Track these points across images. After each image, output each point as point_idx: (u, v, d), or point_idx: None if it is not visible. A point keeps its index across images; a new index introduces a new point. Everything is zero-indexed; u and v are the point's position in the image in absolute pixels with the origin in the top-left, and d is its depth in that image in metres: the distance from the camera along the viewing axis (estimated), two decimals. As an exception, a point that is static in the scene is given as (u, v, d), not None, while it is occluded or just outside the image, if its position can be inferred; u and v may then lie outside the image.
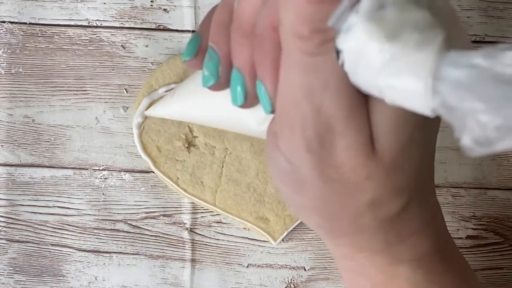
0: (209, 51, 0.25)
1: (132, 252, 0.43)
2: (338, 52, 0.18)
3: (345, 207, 0.24)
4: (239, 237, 0.43)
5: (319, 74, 0.20)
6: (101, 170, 0.42)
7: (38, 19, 0.42)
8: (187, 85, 0.30)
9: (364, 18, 0.17)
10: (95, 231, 0.43)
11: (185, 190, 0.41)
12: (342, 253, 0.27)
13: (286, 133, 0.22)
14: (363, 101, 0.21)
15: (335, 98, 0.20)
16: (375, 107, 0.21)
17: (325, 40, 0.19)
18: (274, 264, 0.43)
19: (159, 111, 0.33)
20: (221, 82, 0.24)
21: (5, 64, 0.42)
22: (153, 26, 0.42)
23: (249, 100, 0.24)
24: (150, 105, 0.40)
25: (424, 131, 0.23)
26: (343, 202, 0.23)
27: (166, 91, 0.40)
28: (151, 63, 0.42)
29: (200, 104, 0.29)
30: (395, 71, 0.16)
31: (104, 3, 0.42)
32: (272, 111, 0.23)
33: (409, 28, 0.16)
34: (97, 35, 0.42)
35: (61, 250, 0.43)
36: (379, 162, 0.22)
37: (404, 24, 0.16)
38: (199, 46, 0.26)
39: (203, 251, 0.43)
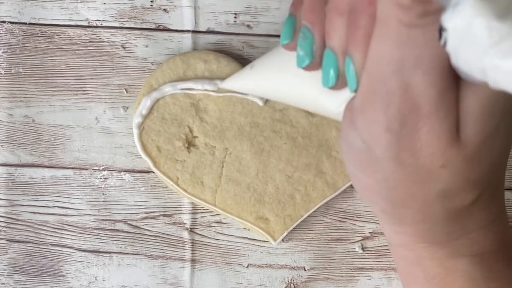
0: (303, 31, 0.24)
1: (132, 252, 0.43)
2: (441, 30, 0.17)
3: (414, 194, 0.23)
4: (239, 237, 0.43)
5: (414, 47, 0.19)
6: (101, 170, 0.43)
7: (38, 19, 0.42)
8: (268, 59, 0.29)
9: None
10: (95, 231, 0.43)
11: (185, 190, 0.41)
12: (400, 242, 0.26)
13: (367, 110, 0.21)
14: (454, 85, 0.20)
15: (426, 76, 0.20)
16: (466, 93, 0.20)
17: (426, 11, 0.18)
18: (274, 264, 0.43)
19: (235, 83, 0.32)
20: (316, 62, 0.24)
21: (5, 64, 0.42)
22: (153, 26, 0.42)
23: (340, 81, 0.23)
24: (150, 106, 0.40)
25: (509, 121, 0.22)
26: (412, 189, 0.23)
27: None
28: (151, 63, 0.42)
29: (280, 80, 0.27)
30: (503, 51, 0.16)
31: (104, 3, 0.42)
32: (356, 90, 0.22)
33: None
34: (97, 35, 0.42)
35: (61, 250, 0.43)
36: (460, 151, 0.21)
37: None
38: (294, 27, 0.25)
39: (203, 251, 0.43)
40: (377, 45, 0.20)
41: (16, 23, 0.42)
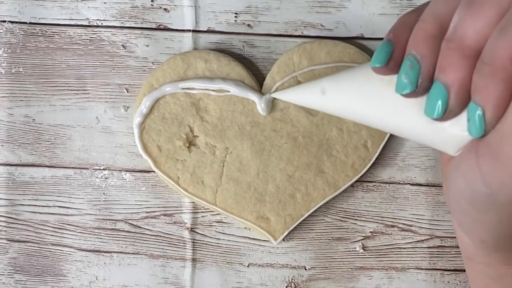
0: (410, 59, 0.24)
1: (132, 252, 0.43)
2: None
3: None
4: (239, 236, 0.43)
5: None
6: (101, 169, 0.42)
7: (39, 18, 0.42)
8: (341, 81, 0.28)
9: None
10: (96, 230, 0.43)
11: (185, 190, 0.41)
12: (485, 261, 0.27)
13: (502, 161, 0.21)
14: None
15: None
16: None
17: None
18: (275, 263, 0.43)
19: (294, 98, 0.30)
20: (418, 92, 0.24)
21: (5, 64, 0.42)
22: (154, 26, 0.42)
23: (446, 115, 0.23)
24: (151, 105, 0.40)
25: None
26: None
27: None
28: (152, 62, 0.42)
29: (361, 101, 0.27)
30: None
31: (105, 3, 0.41)
32: (483, 136, 0.22)
33: None
34: (97, 34, 0.42)
35: (62, 250, 0.43)
36: None
37: None
38: (391, 54, 0.25)
39: (203, 251, 0.43)
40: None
41: (16, 22, 0.42)
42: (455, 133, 0.24)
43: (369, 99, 0.26)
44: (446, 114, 0.23)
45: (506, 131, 0.21)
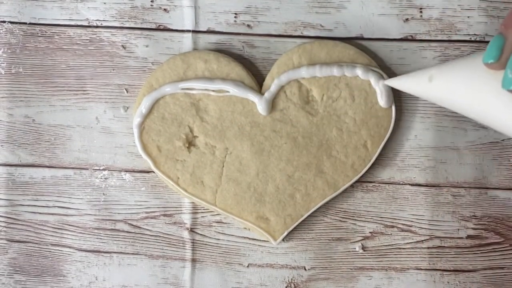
0: None
1: (132, 252, 0.43)
2: None
3: None
4: (239, 237, 0.43)
5: None
6: (101, 170, 0.43)
7: (38, 19, 0.42)
8: (451, 73, 0.28)
9: None
10: (96, 231, 0.43)
11: (185, 190, 0.41)
12: None
13: None
14: None
15: None
16: None
17: None
18: (274, 263, 0.43)
19: (404, 85, 0.30)
20: None
21: (5, 64, 0.42)
22: (153, 26, 0.42)
23: None
24: (150, 105, 0.40)
25: None
26: None
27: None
28: (151, 63, 0.42)
29: (466, 93, 0.26)
30: None
31: (104, 3, 0.41)
32: None
33: None
34: (97, 35, 0.42)
35: (62, 250, 0.43)
36: None
37: None
38: (502, 48, 0.24)
39: (203, 251, 0.43)
40: None
41: (16, 23, 0.42)
42: None
43: (474, 92, 0.26)
44: None
45: None
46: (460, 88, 0.27)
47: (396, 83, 0.32)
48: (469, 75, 0.24)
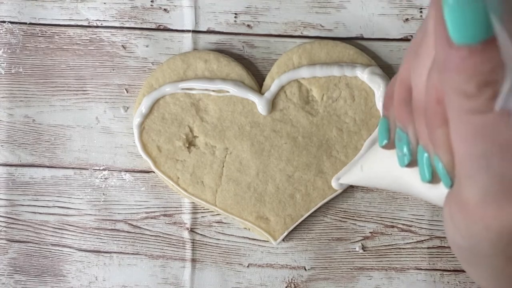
0: (397, 132, 0.24)
1: (132, 252, 0.43)
2: None
3: None
4: (239, 237, 0.43)
5: (494, 136, 0.18)
6: (101, 170, 0.43)
7: (38, 19, 0.42)
8: (373, 159, 0.31)
9: None
10: (96, 231, 0.43)
11: (185, 190, 0.41)
12: None
13: (463, 209, 0.20)
14: None
15: None
16: None
17: (495, 93, 0.17)
18: (274, 264, 0.43)
19: (350, 180, 0.35)
20: (415, 160, 0.23)
21: (5, 64, 0.42)
22: (153, 26, 0.42)
23: (436, 177, 0.22)
24: (151, 105, 0.40)
25: None
26: None
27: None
28: (151, 63, 0.42)
29: (388, 176, 0.29)
30: None
31: (104, 3, 0.41)
32: (452, 185, 0.21)
33: None
34: (97, 35, 0.42)
35: (62, 250, 0.43)
36: None
37: None
38: (389, 129, 0.25)
39: (203, 251, 0.43)
40: (457, 144, 0.19)
41: (16, 23, 0.42)
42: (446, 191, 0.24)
43: (391, 172, 0.28)
44: (435, 176, 0.22)
45: (460, 174, 0.20)
46: (382, 170, 0.29)
47: (342, 181, 0.36)
48: (384, 158, 0.26)
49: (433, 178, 0.23)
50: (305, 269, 0.43)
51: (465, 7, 0.16)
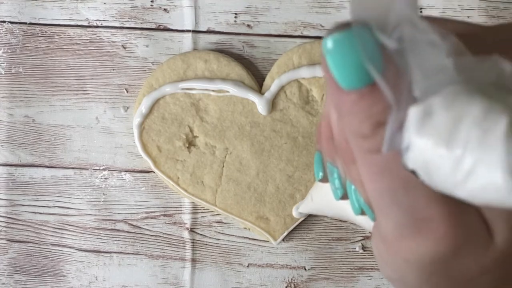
0: (328, 166, 0.24)
1: (132, 252, 0.43)
2: (411, 171, 0.17)
3: None
4: (239, 237, 0.43)
5: (395, 171, 0.18)
6: (101, 170, 0.42)
7: (38, 19, 0.42)
8: (321, 191, 0.33)
9: (416, 135, 0.15)
10: (96, 231, 0.43)
11: (185, 190, 0.41)
12: None
13: (384, 243, 0.20)
14: None
15: (423, 195, 0.18)
16: None
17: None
18: (274, 264, 0.43)
19: (306, 210, 0.37)
20: (346, 194, 0.24)
21: (5, 64, 0.42)
22: (153, 26, 0.42)
23: (363, 212, 0.23)
24: (151, 105, 0.40)
25: None
26: None
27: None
28: (152, 63, 0.42)
29: (334, 206, 0.30)
30: (468, 176, 0.15)
31: (104, 3, 0.41)
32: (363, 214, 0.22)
33: (466, 125, 0.14)
34: (97, 35, 0.42)
35: (62, 250, 0.43)
36: (496, 255, 0.19)
37: (459, 122, 0.15)
38: (323, 163, 0.25)
39: (203, 251, 0.43)
40: (365, 181, 0.20)
41: (16, 23, 0.42)
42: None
43: (335, 204, 0.29)
44: (362, 211, 0.23)
45: (375, 209, 0.20)
46: (328, 200, 0.31)
47: (301, 210, 0.39)
48: (328, 189, 0.27)
49: (362, 211, 0.23)
50: (305, 269, 0.43)
51: (343, 54, 0.17)
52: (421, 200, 0.18)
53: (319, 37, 0.41)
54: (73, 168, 0.43)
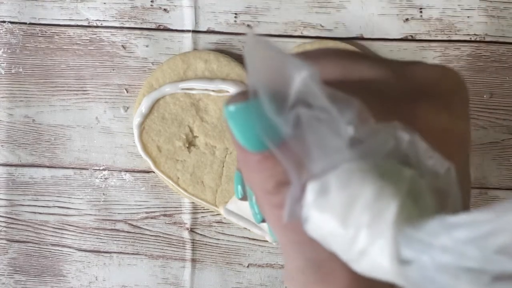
0: (248, 190, 0.24)
1: (132, 252, 0.43)
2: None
3: None
4: (239, 237, 0.43)
5: (299, 227, 0.18)
6: (101, 170, 0.42)
7: (38, 19, 0.42)
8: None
9: (313, 210, 0.16)
10: (96, 231, 0.43)
11: (185, 190, 0.41)
12: None
13: (295, 285, 0.21)
14: None
15: (326, 250, 0.19)
16: None
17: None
18: (274, 263, 0.43)
19: (232, 207, 0.38)
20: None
21: (5, 64, 0.42)
22: (153, 26, 0.42)
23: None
24: (151, 105, 0.40)
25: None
26: None
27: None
28: (151, 63, 0.42)
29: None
30: (361, 255, 0.15)
31: (104, 3, 0.41)
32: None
33: (359, 206, 0.15)
34: (97, 35, 0.42)
35: (62, 250, 0.43)
36: None
37: (353, 202, 0.15)
38: (242, 183, 0.26)
39: (203, 251, 0.43)
40: (274, 231, 0.20)
41: (16, 23, 0.42)
42: None
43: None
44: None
45: (284, 254, 0.20)
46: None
47: (228, 207, 0.40)
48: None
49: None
50: (305, 269, 0.43)
51: (243, 122, 0.17)
52: (324, 254, 0.18)
53: (319, 37, 0.41)
54: (73, 168, 0.43)
